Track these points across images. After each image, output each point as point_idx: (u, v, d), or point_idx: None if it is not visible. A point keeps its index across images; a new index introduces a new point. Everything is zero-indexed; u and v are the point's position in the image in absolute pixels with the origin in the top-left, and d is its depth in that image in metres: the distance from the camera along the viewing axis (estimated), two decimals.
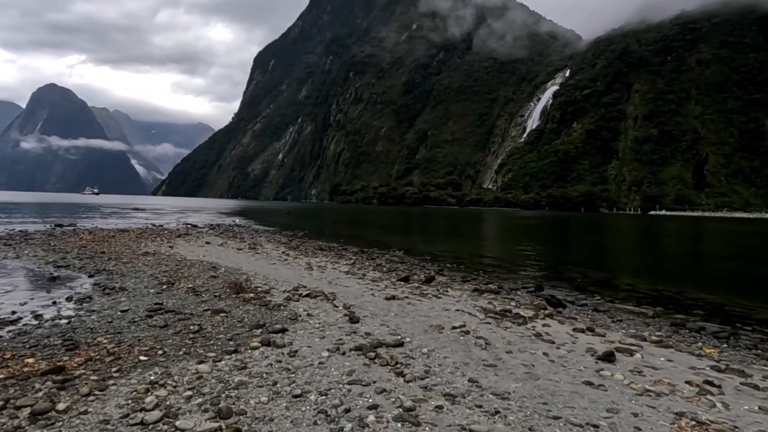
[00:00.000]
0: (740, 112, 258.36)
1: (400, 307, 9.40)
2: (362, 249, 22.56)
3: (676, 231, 62.91)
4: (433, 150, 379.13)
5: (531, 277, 15.90)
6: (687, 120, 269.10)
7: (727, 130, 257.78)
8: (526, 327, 8.17)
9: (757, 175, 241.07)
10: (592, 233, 53.49)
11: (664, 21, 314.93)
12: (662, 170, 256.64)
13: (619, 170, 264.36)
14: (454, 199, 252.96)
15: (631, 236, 49.61)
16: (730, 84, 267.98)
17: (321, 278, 12.84)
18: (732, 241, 44.79)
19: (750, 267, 23.40)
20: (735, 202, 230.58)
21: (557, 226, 67.72)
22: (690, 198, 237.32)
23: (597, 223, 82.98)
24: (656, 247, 37.50)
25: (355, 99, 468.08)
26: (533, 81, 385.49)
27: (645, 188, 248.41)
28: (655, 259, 25.98)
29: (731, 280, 18.36)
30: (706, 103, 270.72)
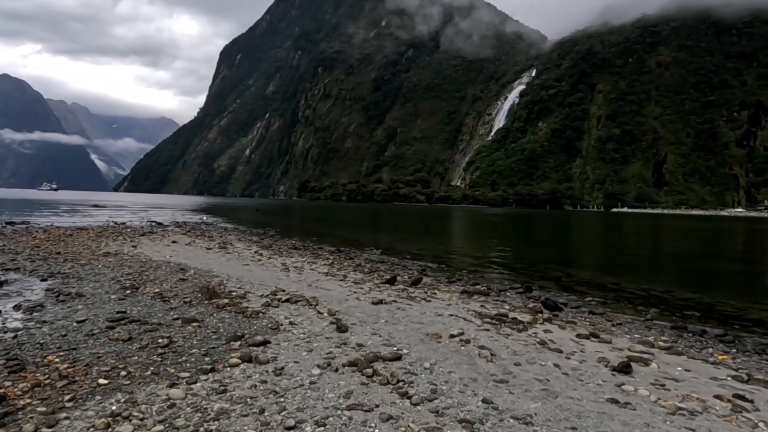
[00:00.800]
0: (697, 113, 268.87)
1: (390, 312, 8.73)
2: (338, 248, 21.77)
3: (642, 228, 64.46)
4: (403, 147, 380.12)
5: (515, 277, 15.50)
6: (647, 120, 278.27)
7: (685, 131, 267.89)
8: (527, 334, 7.63)
9: (712, 174, 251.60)
10: (561, 230, 54.13)
11: (626, 24, 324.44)
12: (624, 169, 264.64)
13: (582, 168, 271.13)
14: (423, 196, 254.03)
15: (601, 233, 50.41)
16: (687, 86, 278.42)
17: (300, 280, 12.04)
18: (697, 238, 45.98)
19: (720, 263, 23.83)
20: (692, 200, 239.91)
21: (527, 224, 68.40)
22: (650, 196, 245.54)
23: (564, 221, 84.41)
24: (627, 244, 38.07)
25: (323, 95, 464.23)
26: (500, 80, 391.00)
27: (608, 186, 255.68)
28: (630, 257, 26.19)
29: (708, 277, 18.46)
30: (665, 104, 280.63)
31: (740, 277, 18.96)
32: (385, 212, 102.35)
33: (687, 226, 72.29)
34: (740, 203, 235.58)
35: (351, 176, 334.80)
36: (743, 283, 17.23)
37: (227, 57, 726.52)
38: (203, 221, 41.86)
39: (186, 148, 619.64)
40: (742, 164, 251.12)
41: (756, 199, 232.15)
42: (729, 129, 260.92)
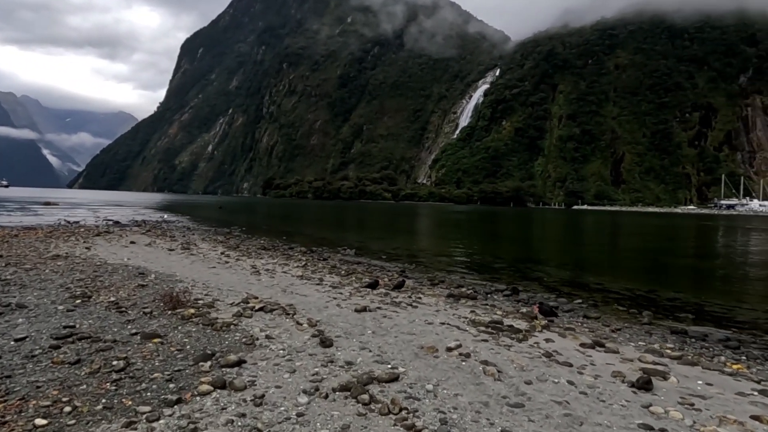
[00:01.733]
0: (652, 114, 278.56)
1: (376, 321, 7.98)
2: (310, 248, 20.80)
3: (606, 225, 65.87)
4: (369, 144, 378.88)
5: (497, 278, 15.03)
6: (606, 120, 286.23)
7: (641, 131, 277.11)
8: (528, 344, 7.02)
9: (666, 173, 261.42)
10: (530, 228, 54.63)
11: (586, 26, 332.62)
12: (584, 167, 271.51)
13: (544, 167, 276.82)
14: (389, 193, 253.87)
15: (569, 231, 51.06)
16: (643, 88, 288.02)
17: (272, 285, 11.12)
18: (661, 235, 47.10)
19: (690, 261, 24.18)
20: (647, 198, 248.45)
21: (495, 221, 68.84)
22: (608, 193, 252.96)
23: (530, 218, 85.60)
24: (596, 241, 38.55)
25: (288, 91, 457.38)
26: (465, 79, 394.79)
27: (568, 184, 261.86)
28: (602, 254, 26.33)
29: (683, 275, 18.57)
30: (623, 105, 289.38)
31: (714, 275, 19.10)
32: (352, 210, 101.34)
33: (648, 223, 74.38)
34: (692, 201, 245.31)
35: (317, 173, 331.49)
36: (719, 281, 17.29)
37: (188, 51, 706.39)
38: (164, 220, 39.98)
39: (145, 144, 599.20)
40: (693, 163, 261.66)
41: (706, 197, 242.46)
42: (682, 130, 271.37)
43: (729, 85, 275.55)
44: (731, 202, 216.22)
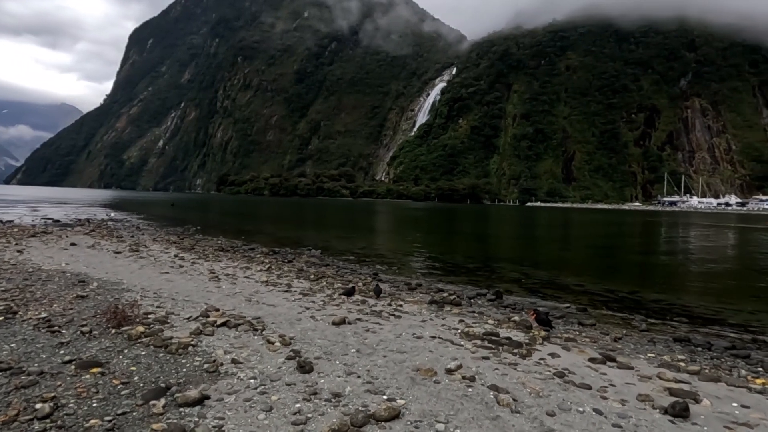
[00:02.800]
0: (600, 115, 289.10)
1: (358, 336, 7.02)
2: (272, 249, 19.44)
3: (563, 221, 67.19)
4: (326, 141, 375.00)
5: (475, 280, 14.35)
6: (558, 120, 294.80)
7: (590, 130, 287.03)
8: (534, 361, 6.25)
9: (614, 171, 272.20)
10: (490, 225, 54.90)
11: (538, 28, 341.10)
12: (537, 165, 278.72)
13: (499, 164, 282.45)
14: (347, 190, 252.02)
15: (529, 227, 51.59)
16: (592, 89, 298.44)
17: (235, 293, 9.93)
18: (618, 231, 48.28)
19: (655, 258, 24.43)
20: (596, 195, 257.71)
21: (455, 219, 68.96)
22: (560, 191, 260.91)
23: (488, 215, 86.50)
24: (559, 238, 38.85)
25: (243, 85, 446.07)
26: (422, 76, 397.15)
27: (522, 182, 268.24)
28: (570, 252, 26.31)
29: (656, 273, 18.55)
30: (573, 105, 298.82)
31: (681, 272, 19.21)
32: (311, 207, 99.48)
33: (601, 220, 76.50)
34: (637, 198, 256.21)
35: (273, 170, 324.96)
36: (690, 279, 17.31)
37: (137, 41, 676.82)
38: (111, 218, 37.41)
39: (91, 138, 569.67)
40: (639, 162, 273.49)
41: (651, 194, 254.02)
42: (628, 129, 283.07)
43: (671, 88, 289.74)
44: (673, 199, 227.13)
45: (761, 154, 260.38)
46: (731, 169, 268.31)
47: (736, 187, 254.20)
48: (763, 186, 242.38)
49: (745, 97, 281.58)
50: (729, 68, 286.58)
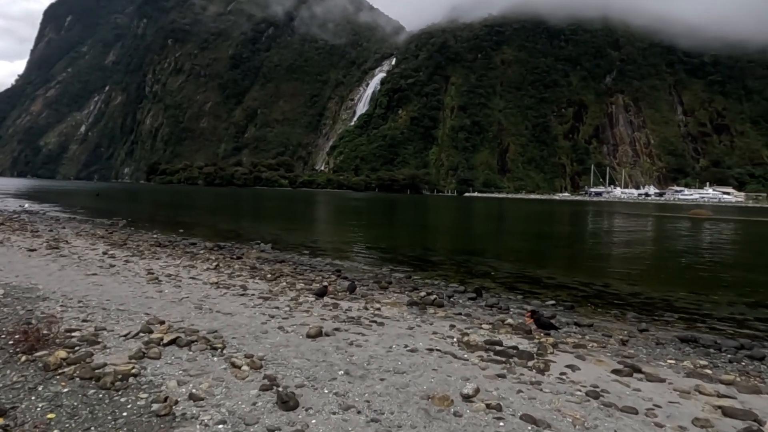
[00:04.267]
0: (533, 108, 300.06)
1: (342, 353, 5.86)
2: (217, 243, 17.53)
3: (504, 211, 68.52)
4: (264, 129, 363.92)
5: (446, 275, 13.51)
6: (493, 112, 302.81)
7: (523, 123, 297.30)
8: (555, 377, 5.39)
9: (545, 163, 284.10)
10: (436, 215, 54.88)
11: (475, 22, 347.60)
12: (473, 156, 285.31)
13: (438, 155, 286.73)
14: (286, 180, 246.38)
15: (477, 217, 51.99)
16: (526, 83, 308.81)
17: (181, 298, 8.42)
18: (558, 220, 49.63)
19: (611, 247, 24.86)
20: (529, 186, 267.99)
21: (399, 209, 68.57)
22: (495, 182, 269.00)
23: (430, 205, 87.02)
24: (509, 228, 39.20)
25: (175, 69, 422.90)
26: (362, 66, 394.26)
27: (460, 172, 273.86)
28: (527, 242, 26.27)
29: (615, 262, 18.60)
30: (508, 99, 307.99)
31: (641, 262, 19.41)
32: (249, 197, 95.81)
33: (539, 209, 78.86)
34: (566, 188, 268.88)
35: (208, 158, 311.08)
36: (653, 268, 17.44)
37: (53, 18, 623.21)
38: (24, 209, 33.53)
39: (1, 122, 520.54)
40: (568, 155, 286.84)
41: (578, 185, 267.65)
42: (558, 123, 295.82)
43: (597, 84, 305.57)
44: (599, 190, 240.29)
45: (676, 148, 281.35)
46: (650, 161, 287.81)
47: (654, 179, 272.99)
48: (677, 177, 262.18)
49: (662, 95, 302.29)
50: (648, 67, 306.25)
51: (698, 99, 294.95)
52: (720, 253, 23.42)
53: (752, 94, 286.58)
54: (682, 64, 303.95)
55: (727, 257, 21.99)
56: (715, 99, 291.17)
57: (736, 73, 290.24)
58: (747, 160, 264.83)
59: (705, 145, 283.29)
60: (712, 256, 21.84)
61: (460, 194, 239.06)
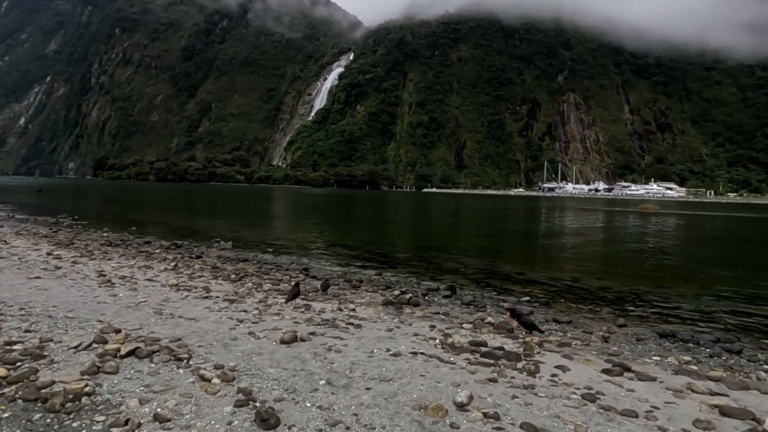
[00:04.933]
0: (489, 106, 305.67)
1: (321, 359, 5.43)
2: (174, 242, 16.55)
3: (464, 206, 69.21)
4: (218, 123, 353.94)
5: (416, 272, 13.22)
6: (450, 109, 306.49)
7: (480, 120, 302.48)
8: (547, 379, 5.16)
9: (501, 159, 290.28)
10: (397, 210, 54.75)
11: (432, 19, 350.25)
12: (431, 152, 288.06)
13: (396, 151, 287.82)
14: (242, 175, 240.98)
15: (436, 212, 52.11)
16: (482, 81, 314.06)
17: (138, 303, 7.74)
18: (517, 215, 50.49)
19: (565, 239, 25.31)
20: (485, 181, 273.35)
21: (359, 204, 68.12)
22: (453, 177, 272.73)
23: (390, 200, 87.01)
24: (471, 223, 39.45)
25: (123, 60, 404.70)
26: (319, 61, 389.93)
27: (418, 168, 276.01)
28: (491, 237, 26.39)
29: (579, 256, 18.86)
30: (465, 96, 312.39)
31: (600, 255, 19.80)
32: (204, 193, 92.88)
33: (496, 205, 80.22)
34: (521, 184, 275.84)
35: (159, 153, 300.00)
36: (612, 262, 17.78)
37: None
38: None
39: None
40: (522, 151, 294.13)
41: (532, 180, 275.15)
42: (513, 121, 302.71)
43: (550, 83, 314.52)
44: (552, 186, 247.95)
45: (623, 146, 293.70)
46: (599, 158, 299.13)
47: (603, 175, 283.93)
48: (625, 173, 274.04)
49: (610, 94, 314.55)
50: (598, 67, 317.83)
51: (643, 98, 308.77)
52: (674, 247, 24.31)
53: (692, 94, 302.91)
54: (628, 65, 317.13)
55: (681, 250, 22.83)
56: (659, 99, 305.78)
57: (678, 74, 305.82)
58: (687, 158, 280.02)
59: (650, 143, 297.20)
60: (667, 249, 22.60)
61: (419, 190, 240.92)
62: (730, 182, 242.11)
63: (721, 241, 29.68)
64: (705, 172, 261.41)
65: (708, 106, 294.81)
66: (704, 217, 60.10)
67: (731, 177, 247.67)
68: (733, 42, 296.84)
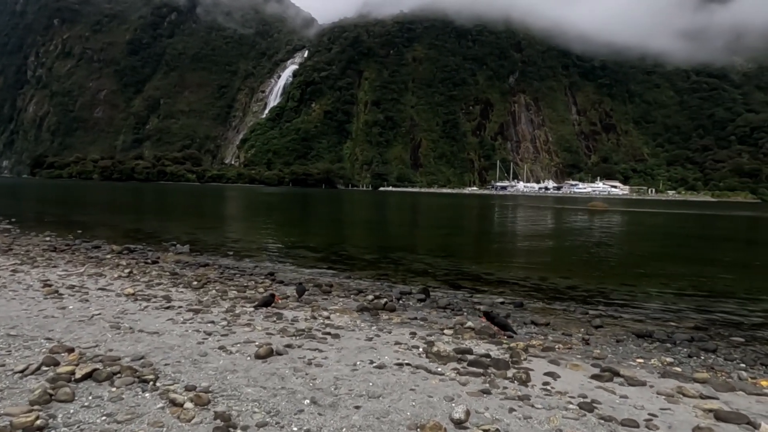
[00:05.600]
0: (443, 105, 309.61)
1: (302, 375, 5.04)
2: (126, 246, 15.42)
3: (422, 205, 69.57)
4: (168, 121, 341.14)
5: (384, 274, 12.92)
6: (406, 108, 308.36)
7: (434, 120, 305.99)
8: (540, 388, 4.98)
9: (455, 158, 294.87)
10: (356, 210, 54.38)
11: (387, 18, 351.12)
12: (387, 151, 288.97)
13: (352, 150, 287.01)
14: (194, 174, 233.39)
15: (396, 211, 52.13)
16: (436, 80, 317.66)
17: (91, 315, 7.05)
18: (476, 214, 51.14)
19: (525, 238, 25.75)
20: (440, 180, 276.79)
21: (316, 204, 67.23)
22: (408, 176, 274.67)
23: (347, 199, 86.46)
24: (432, 223, 39.52)
25: (62, 53, 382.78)
26: (273, 57, 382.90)
27: (374, 167, 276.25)
28: (454, 236, 26.44)
29: (542, 254, 19.13)
30: (420, 95, 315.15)
31: (563, 253, 20.15)
32: (154, 193, 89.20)
33: (453, 203, 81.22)
34: (475, 183, 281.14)
35: (104, 151, 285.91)
36: (584, 262, 18.09)
37: None
38: None
39: None
40: (476, 150, 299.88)
41: (486, 179, 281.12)
42: (467, 120, 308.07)
43: (502, 84, 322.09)
44: (504, 184, 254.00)
45: (571, 145, 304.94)
46: (548, 157, 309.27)
47: (552, 174, 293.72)
48: (572, 172, 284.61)
49: (558, 96, 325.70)
50: (547, 69, 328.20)
51: (590, 100, 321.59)
52: (628, 244, 25.24)
53: (634, 96, 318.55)
54: (576, 68, 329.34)
55: (636, 247, 23.70)
56: (604, 100, 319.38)
57: (621, 77, 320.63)
58: (630, 157, 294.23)
59: (595, 143, 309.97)
60: (623, 246, 23.41)
61: (375, 189, 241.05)
62: (669, 180, 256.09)
63: (670, 238, 31.07)
64: (646, 171, 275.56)
65: (649, 108, 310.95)
66: (649, 214, 62.99)
67: (670, 176, 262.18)
68: (671, 48, 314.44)
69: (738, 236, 35.41)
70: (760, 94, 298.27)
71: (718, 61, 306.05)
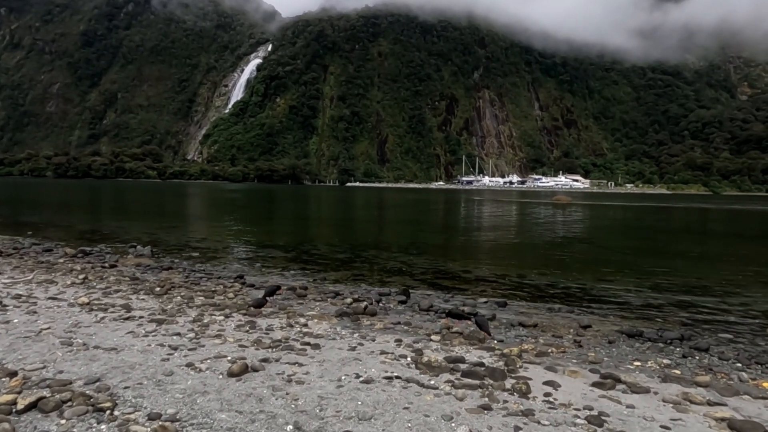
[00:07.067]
0: (409, 101, 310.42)
1: (282, 396, 4.52)
2: (81, 248, 14.27)
3: (390, 201, 69.28)
4: (126, 115, 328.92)
5: (360, 275, 12.42)
6: (372, 103, 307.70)
7: (401, 115, 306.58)
8: (543, 400, 4.62)
9: (421, 153, 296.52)
10: (325, 206, 53.65)
11: (351, 12, 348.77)
12: (354, 147, 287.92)
13: (318, 145, 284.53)
14: (154, 171, 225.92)
15: (365, 208, 51.58)
16: (402, 76, 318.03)
17: (39, 330, 6.30)
18: (445, 210, 51.16)
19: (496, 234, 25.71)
20: (407, 175, 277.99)
21: (283, 200, 66.00)
22: (375, 171, 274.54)
23: (315, 196, 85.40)
24: (403, 218, 39.14)
25: (11, 44, 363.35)
26: (236, 51, 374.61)
27: (341, 162, 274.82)
28: (427, 233, 26.14)
29: (518, 251, 19.02)
30: (386, 90, 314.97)
31: (546, 251, 20.12)
32: (112, 190, 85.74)
33: (421, 199, 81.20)
34: (441, 178, 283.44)
35: (58, 147, 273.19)
36: (558, 258, 18.05)
37: None
38: None
39: None
40: (441, 145, 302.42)
41: (452, 174, 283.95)
42: (432, 116, 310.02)
43: (467, 80, 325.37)
44: (470, 179, 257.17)
45: (534, 140, 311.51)
46: (513, 152, 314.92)
47: (516, 168, 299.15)
48: (536, 167, 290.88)
49: (522, 92, 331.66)
50: (510, 65, 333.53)
51: (551, 96, 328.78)
52: (596, 237, 25.56)
53: (593, 93, 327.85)
54: (538, 64, 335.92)
55: (604, 240, 24.01)
56: (565, 96, 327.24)
57: (581, 74, 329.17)
58: (591, 152, 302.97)
59: (557, 138, 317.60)
60: (592, 239, 23.67)
61: (342, 184, 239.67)
62: (627, 174, 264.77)
63: (635, 231, 31.74)
64: (606, 165, 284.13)
65: (607, 104, 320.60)
66: (611, 207, 64.62)
67: (628, 169, 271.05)
68: (628, 45, 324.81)
69: (697, 228, 36.58)
70: (711, 91, 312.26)
71: (672, 59, 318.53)
